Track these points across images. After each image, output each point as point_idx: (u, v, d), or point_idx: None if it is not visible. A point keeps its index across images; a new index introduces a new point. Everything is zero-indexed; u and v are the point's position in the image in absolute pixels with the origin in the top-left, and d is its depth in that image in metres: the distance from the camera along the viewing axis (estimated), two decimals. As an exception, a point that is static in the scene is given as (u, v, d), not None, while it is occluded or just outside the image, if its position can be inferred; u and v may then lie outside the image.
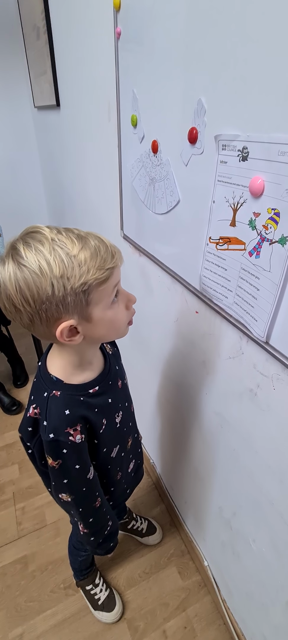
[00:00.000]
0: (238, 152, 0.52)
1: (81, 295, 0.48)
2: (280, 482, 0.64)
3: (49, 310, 0.47)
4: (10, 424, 1.69)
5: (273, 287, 0.51)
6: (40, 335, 0.52)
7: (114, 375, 0.67)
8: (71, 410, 0.56)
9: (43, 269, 0.44)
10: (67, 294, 0.46)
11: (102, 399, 0.62)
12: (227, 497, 0.86)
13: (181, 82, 0.63)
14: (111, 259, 0.50)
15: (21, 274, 0.45)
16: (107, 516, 0.72)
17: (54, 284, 0.45)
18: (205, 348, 0.79)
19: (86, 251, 0.47)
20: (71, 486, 0.61)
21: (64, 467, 0.57)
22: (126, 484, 0.82)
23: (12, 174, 2.27)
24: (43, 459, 0.60)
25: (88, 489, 0.63)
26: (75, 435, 0.56)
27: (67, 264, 0.46)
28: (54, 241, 0.46)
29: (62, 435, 0.55)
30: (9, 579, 1.13)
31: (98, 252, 0.48)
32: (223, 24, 0.50)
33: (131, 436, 0.78)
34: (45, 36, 1.40)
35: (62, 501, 0.64)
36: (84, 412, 0.58)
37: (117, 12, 0.78)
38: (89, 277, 0.47)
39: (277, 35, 0.42)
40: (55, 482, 0.61)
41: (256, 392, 0.65)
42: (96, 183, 1.27)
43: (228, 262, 0.61)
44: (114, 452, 0.70)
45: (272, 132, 0.46)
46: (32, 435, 0.59)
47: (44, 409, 0.56)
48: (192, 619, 1.04)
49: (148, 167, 0.81)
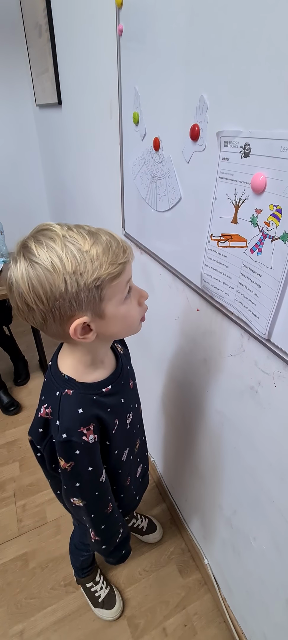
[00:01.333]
0: (240, 149, 0.52)
1: (94, 291, 0.47)
2: (280, 479, 0.64)
3: (62, 308, 0.47)
4: (11, 422, 1.69)
5: (275, 284, 0.51)
6: (53, 335, 0.51)
7: (126, 375, 0.67)
8: (84, 409, 0.55)
9: (55, 266, 0.44)
10: (80, 290, 0.46)
11: (115, 399, 0.61)
12: (228, 495, 0.86)
13: (183, 78, 0.62)
14: (123, 253, 0.50)
15: (33, 271, 0.44)
16: (118, 523, 0.71)
17: (67, 280, 0.45)
18: (207, 346, 0.79)
19: (98, 246, 0.47)
20: (83, 490, 0.59)
21: (76, 469, 0.56)
22: (135, 490, 0.81)
23: (14, 172, 2.27)
24: (53, 462, 0.59)
25: (100, 493, 0.62)
26: (89, 435, 0.55)
27: (79, 260, 0.45)
28: (65, 237, 0.46)
29: (76, 436, 0.53)
30: (10, 576, 1.13)
31: (110, 247, 0.48)
32: (225, 21, 0.50)
33: (139, 438, 0.77)
34: (47, 34, 1.40)
35: (73, 506, 0.62)
36: (97, 412, 0.57)
37: (119, 9, 0.78)
38: (102, 272, 0.47)
39: (279, 32, 0.42)
40: (66, 486, 0.60)
41: (257, 390, 0.65)
42: (98, 181, 1.27)
43: (230, 259, 0.61)
44: (124, 455, 0.69)
45: (274, 129, 0.46)
46: (43, 437, 0.58)
47: (56, 408, 0.55)
48: (192, 617, 1.04)
49: (150, 165, 0.81)
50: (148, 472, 0.91)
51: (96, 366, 0.59)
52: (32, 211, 2.40)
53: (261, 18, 0.44)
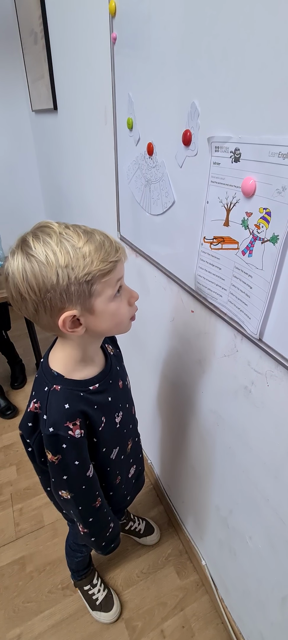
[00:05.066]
0: (230, 154, 0.53)
1: (84, 285, 0.50)
2: (275, 478, 0.65)
3: (53, 299, 0.49)
4: (8, 425, 1.69)
5: (266, 285, 0.52)
6: (44, 326, 0.54)
7: (115, 375, 0.68)
8: (71, 404, 0.57)
9: (49, 259, 0.47)
10: (71, 283, 0.48)
11: (102, 397, 0.63)
12: (224, 495, 0.87)
13: (175, 85, 0.64)
14: (115, 252, 0.53)
15: (29, 264, 0.47)
16: (107, 517, 0.72)
17: (59, 273, 0.47)
18: (201, 347, 0.80)
19: (91, 244, 0.50)
20: (70, 483, 0.61)
21: (63, 462, 0.58)
22: (126, 490, 0.82)
23: (10, 177, 2.28)
24: (42, 456, 0.60)
25: (87, 487, 0.63)
26: (75, 429, 0.57)
27: (72, 255, 0.48)
28: (62, 235, 0.49)
29: (62, 430, 0.55)
30: (7, 580, 1.13)
31: (102, 246, 0.51)
32: (216, 31, 0.51)
33: (131, 439, 0.78)
34: (42, 41, 1.42)
35: (61, 499, 0.64)
36: (83, 407, 0.59)
37: (113, 17, 0.79)
38: (93, 268, 0.49)
39: (266, 42, 0.44)
40: (54, 479, 0.61)
41: (250, 389, 0.66)
42: (93, 185, 1.28)
43: (222, 261, 0.62)
44: (114, 453, 0.70)
45: (262, 134, 0.47)
46: (32, 431, 0.59)
47: (44, 403, 0.57)
48: (189, 619, 1.05)
49: (144, 169, 0.82)
50: (143, 474, 0.91)
51: (86, 363, 0.61)
52: (29, 216, 2.40)
53: (250, 28, 0.46)
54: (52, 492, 0.66)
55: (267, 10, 0.42)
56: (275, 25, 0.42)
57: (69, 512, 0.69)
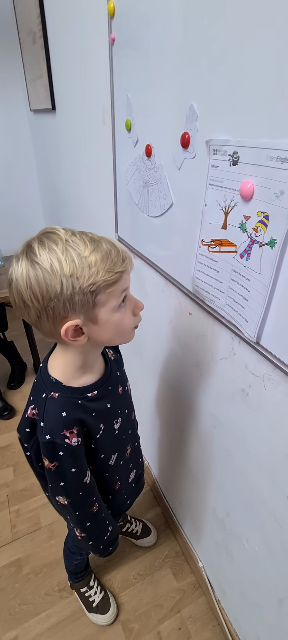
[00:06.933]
0: (229, 157, 0.53)
1: (88, 295, 0.49)
2: (272, 481, 0.65)
3: (56, 308, 0.48)
4: (5, 426, 1.68)
5: (263, 289, 0.52)
6: (46, 333, 0.53)
7: (115, 381, 0.67)
8: (68, 412, 0.56)
9: (54, 268, 0.46)
10: (75, 292, 0.47)
11: (100, 404, 0.62)
12: (221, 497, 0.87)
13: (174, 87, 0.64)
14: (121, 263, 0.51)
15: (33, 271, 0.46)
16: (106, 522, 0.72)
17: (63, 282, 0.46)
18: (199, 349, 0.79)
19: (97, 253, 0.49)
20: (67, 489, 0.60)
21: (60, 469, 0.57)
22: (126, 495, 0.82)
23: (8, 177, 2.27)
24: (40, 461, 0.59)
25: (84, 493, 0.63)
26: (71, 438, 0.56)
27: (77, 264, 0.47)
28: (68, 242, 0.47)
29: (58, 438, 0.55)
30: (3, 582, 1.12)
31: (109, 255, 0.50)
32: (215, 34, 0.51)
33: (130, 444, 0.77)
34: (41, 41, 1.41)
35: (59, 504, 0.63)
36: (80, 416, 0.58)
37: (111, 18, 0.79)
38: (98, 279, 0.48)
39: (265, 46, 0.44)
40: (51, 485, 0.61)
41: (248, 392, 0.66)
42: (91, 186, 1.28)
43: (220, 264, 0.62)
44: (113, 459, 0.69)
45: (260, 138, 0.47)
46: (30, 437, 0.58)
47: (41, 410, 0.56)
48: (186, 620, 1.05)
49: (142, 171, 0.82)
50: (143, 477, 0.91)
51: (85, 370, 0.60)
52: (27, 216, 2.40)
53: (249, 31, 0.46)
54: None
55: (266, 14, 0.43)
56: (273, 29, 0.42)
57: (66, 517, 0.69)
